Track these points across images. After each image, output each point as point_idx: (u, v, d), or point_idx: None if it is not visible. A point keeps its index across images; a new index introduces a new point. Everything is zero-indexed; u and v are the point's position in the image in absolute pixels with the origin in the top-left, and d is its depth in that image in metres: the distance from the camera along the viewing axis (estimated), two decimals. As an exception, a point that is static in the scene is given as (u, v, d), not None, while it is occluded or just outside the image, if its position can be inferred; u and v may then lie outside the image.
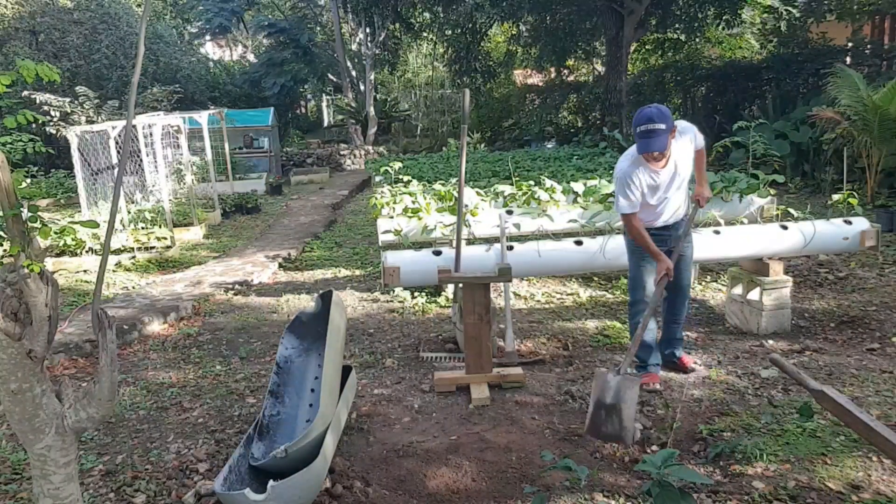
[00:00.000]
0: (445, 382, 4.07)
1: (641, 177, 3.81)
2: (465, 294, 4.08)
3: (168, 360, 4.88)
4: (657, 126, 3.62)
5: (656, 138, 3.64)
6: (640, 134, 3.67)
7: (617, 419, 3.24)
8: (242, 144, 16.14)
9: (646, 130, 3.64)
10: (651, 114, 3.65)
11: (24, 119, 2.39)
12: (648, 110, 3.69)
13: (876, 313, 5.11)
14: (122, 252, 8.01)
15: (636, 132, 3.69)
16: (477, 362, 4.04)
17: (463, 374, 4.09)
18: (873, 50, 13.93)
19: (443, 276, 4.10)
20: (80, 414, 2.25)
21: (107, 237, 2.28)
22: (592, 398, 3.38)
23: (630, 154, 3.88)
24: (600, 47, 18.41)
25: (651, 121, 3.63)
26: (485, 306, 4.00)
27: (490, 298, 4.07)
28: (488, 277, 4.08)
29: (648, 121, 3.64)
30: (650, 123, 3.63)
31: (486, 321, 4.01)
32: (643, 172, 3.81)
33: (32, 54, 15.59)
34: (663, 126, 3.62)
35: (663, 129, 3.62)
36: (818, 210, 6.84)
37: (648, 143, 3.66)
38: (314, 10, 24.42)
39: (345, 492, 2.98)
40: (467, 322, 4.01)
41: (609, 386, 3.33)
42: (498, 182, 7.81)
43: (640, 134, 3.67)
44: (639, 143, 3.71)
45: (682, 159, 3.87)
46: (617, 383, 3.33)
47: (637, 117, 3.71)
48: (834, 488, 2.85)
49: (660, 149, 3.67)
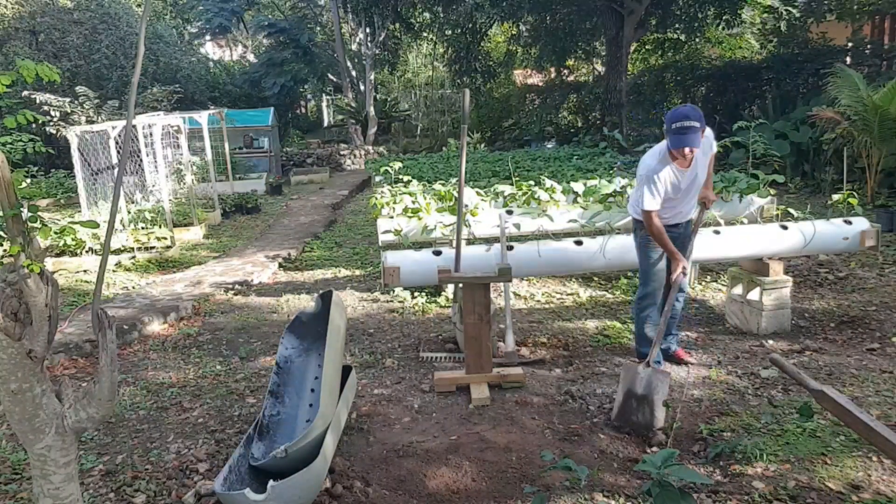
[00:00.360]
0: (445, 382, 4.08)
1: (667, 175, 3.93)
2: (465, 294, 4.09)
3: (168, 360, 4.88)
4: (693, 123, 3.73)
5: (692, 134, 3.75)
6: (675, 130, 3.77)
7: (648, 409, 3.47)
8: (242, 144, 16.14)
9: (682, 127, 3.75)
10: (687, 112, 3.79)
11: (24, 119, 2.39)
12: (684, 109, 3.83)
13: (876, 313, 5.11)
14: (122, 252, 8.01)
15: (671, 128, 3.79)
16: (477, 362, 4.04)
17: (463, 374, 4.10)
18: (873, 50, 13.93)
19: (443, 276, 4.11)
20: (80, 414, 2.25)
21: (107, 237, 2.28)
22: (622, 389, 3.58)
23: (658, 152, 3.98)
24: (600, 47, 18.42)
25: (687, 118, 3.75)
26: (485, 306, 4.00)
27: (490, 298, 4.08)
28: (488, 277, 4.08)
29: (685, 118, 3.76)
30: (686, 120, 3.75)
31: (486, 321, 4.01)
32: (669, 171, 3.94)
33: (32, 54, 15.59)
34: (698, 124, 3.74)
35: (697, 126, 3.74)
36: (818, 210, 6.84)
37: (683, 139, 3.77)
38: (314, 10, 24.42)
39: (345, 492, 2.98)
40: (467, 322, 4.01)
41: (640, 377, 3.57)
42: (498, 182, 7.81)
43: (676, 130, 3.77)
44: (673, 139, 3.80)
45: (701, 162, 4.03)
46: (648, 375, 3.57)
47: (673, 114, 3.82)
48: (834, 488, 2.85)
49: (694, 145, 3.78)
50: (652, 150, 4.05)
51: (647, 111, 17.59)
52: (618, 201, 5.81)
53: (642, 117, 17.68)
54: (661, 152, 3.97)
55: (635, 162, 9.71)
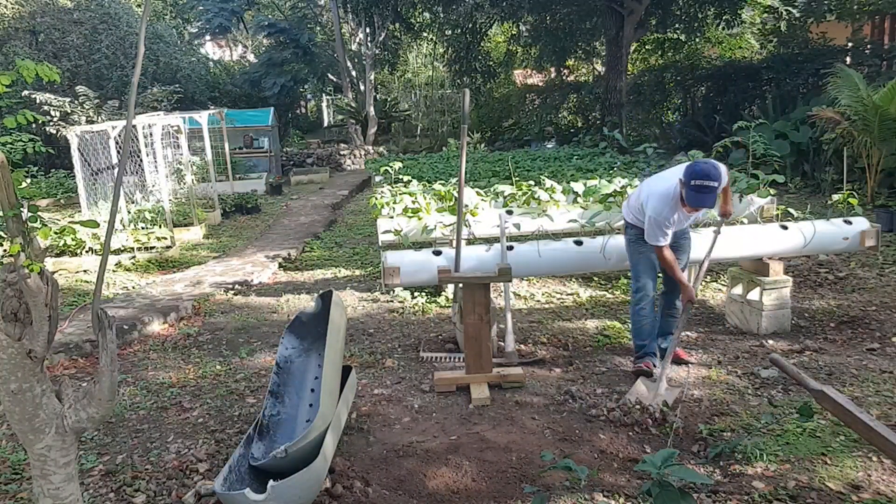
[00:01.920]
0: (445, 382, 4.08)
1: (676, 217, 4.02)
2: (465, 294, 4.08)
3: (168, 360, 4.88)
4: (713, 184, 3.73)
5: (709, 195, 3.77)
6: (694, 188, 3.75)
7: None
8: (242, 144, 16.13)
9: (701, 186, 3.73)
10: (709, 171, 3.74)
11: (24, 119, 2.39)
12: (706, 166, 3.78)
13: (876, 313, 5.11)
14: (122, 252, 8.00)
15: (690, 184, 3.76)
16: (477, 362, 4.04)
17: (463, 374, 4.10)
18: (873, 50, 13.93)
19: (443, 276, 4.12)
20: (80, 414, 2.25)
21: (107, 237, 2.28)
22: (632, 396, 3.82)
23: (666, 196, 3.96)
24: (600, 47, 18.42)
25: (709, 177, 3.73)
26: (485, 306, 4.00)
27: (490, 298, 4.08)
28: (488, 277, 4.08)
29: (706, 177, 3.73)
30: (707, 180, 3.73)
31: (486, 321, 4.01)
32: (678, 215, 4.02)
33: (32, 54, 15.57)
34: (717, 184, 3.75)
35: (716, 186, 3.76)
36: (818, 210, 6.85)
37: (701, 199, 3.78)
38: (314, 10, 24.40)
39: (345, 492, 2.98)
40: (467, 322, 4.01)
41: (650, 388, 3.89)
42: (498, 182, 7.81)
43: (695, 188, 3.75)
44: (689, 195, 3.80)
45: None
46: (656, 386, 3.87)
47: (694, 170, 3.78)
48: (834, 488, 2.85)
49: (710, 206, 3.86)
50: (660, 193, 4.00)
51: (647, 111, 17.59)
52: (618, 201, 5.80)
53: (642, 117, 17.68)
54: (672, 197, 3.95)
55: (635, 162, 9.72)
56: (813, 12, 14.40)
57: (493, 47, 20.90)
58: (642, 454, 3.23)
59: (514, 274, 4.91)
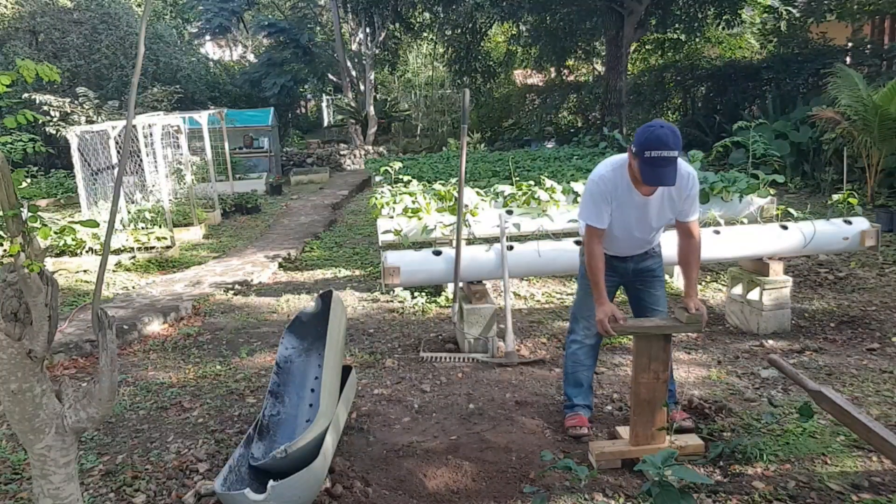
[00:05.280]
0: (608, 457, 3.16)
1: (620, 192, 3.13)
2: (638, 346, 3.12)
3: (168, 360, 4.88)
4: (672, 153, 2.85)
5: (667, 168, 2.87)
6: (649, 161, 2.86)
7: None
8: (242, 144, 16.14)
9: (659, 158, 2.85)
10: (665, 137, 2.84)
11: (24, 119, 2.39)
12: (661, 131, 2.87)
13: (876, 313, 5.11)
14: (122, 252, 8.00)
15: (643, 157, 2.87)
16: (647, 432, 3.17)
17: (630, 447, 3.20)
18: (873, 50, 13.93)
19: (615, 326, 3.11)
20: (80, 414, 2.25)
21: (107, 237, 2.28)
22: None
23: (614, 163, 3.17)
24: (600, 47, 18.42)
25: (665, 146, 2.83)
26: (663, 362, 3.08)
27: (670, 352, 3.16)
28: (672, 327, 3.11)
29: (662, 145, 2.83)
30: (664, 149, 2.83)
31: (662, 380, 3.10)
32: (624, 188, 3.12)
33: (32, 54, 15.58)
34: (676, 153, 2.87)
35: (675, 157, 2.87)
36: (818, 210, 6.85)
37: (659, 175, 2.89)
38: (314, 10, 24.41)
39: (345, 492, 2.98)
40: (639, 381, 3.11)
41: None
42: (498, 182, 7.80)
43: (650, 161, 2.86)
44: (644, 171, 2.91)
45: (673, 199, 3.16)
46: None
47: (647, 138, 2.87)
48: (834, 488, 2.85)
49: (671, 183, 2.91)
50: (608, 160, 3.24)
51: (647, 111, 17.59)
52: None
53: (642, 117, 17.68)
54: (618, 164, 3.16)
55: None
56: (813, 12, 14.39)
57: (493, 47, 20.90)
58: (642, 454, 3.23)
59: (513, 274, 4.92)
